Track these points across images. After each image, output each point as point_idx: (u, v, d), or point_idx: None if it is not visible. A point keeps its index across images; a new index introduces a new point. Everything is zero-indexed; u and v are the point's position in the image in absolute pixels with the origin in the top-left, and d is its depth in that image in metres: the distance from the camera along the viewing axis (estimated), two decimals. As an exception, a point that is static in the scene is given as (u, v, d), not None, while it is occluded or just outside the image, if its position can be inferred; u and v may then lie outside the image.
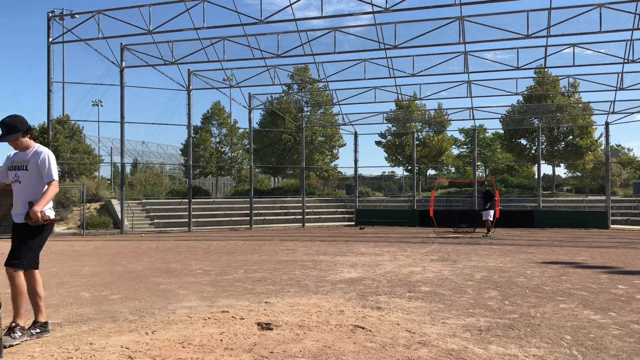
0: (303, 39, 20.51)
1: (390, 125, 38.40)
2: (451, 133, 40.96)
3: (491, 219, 18.56)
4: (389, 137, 39.63)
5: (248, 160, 30.56)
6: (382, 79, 23.77)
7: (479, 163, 37.39)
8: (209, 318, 5.57)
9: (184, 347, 4.50)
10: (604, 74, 22.99)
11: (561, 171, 46.43)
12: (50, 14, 21.84)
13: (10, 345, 4.46)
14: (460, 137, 43.69)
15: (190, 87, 24.21)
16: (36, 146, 4.86)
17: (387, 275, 8.87)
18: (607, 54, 20.75)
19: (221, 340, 4.62)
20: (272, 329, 5.02)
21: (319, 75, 24.33)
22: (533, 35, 18.63)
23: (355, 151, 29.42)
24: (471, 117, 28.40)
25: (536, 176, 30.37)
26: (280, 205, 29.54)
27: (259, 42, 21.19)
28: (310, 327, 5.12)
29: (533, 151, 35.05)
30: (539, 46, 20.87)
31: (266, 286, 7.79)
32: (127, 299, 6.88)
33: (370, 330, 4.99)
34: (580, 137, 35.08)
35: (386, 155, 40.14)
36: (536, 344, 4.57)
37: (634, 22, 17.78)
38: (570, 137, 35.81)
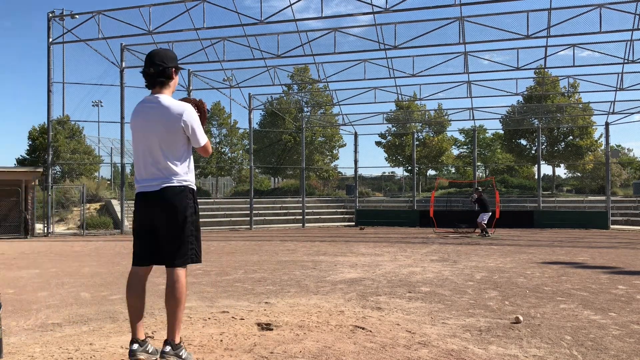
0: (303, 39, 20.53)
1: (390, 125, 38.42)
2: (451, 133, 41.02)
3: (486, 221, 18.60)
4: (389, 137, 39.63)
5: (248, 160, 30.56)
6: (382, 79, 23.78)
7: (479, 163, 37.40)
8: (209, 318, 5.56)
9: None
10: (603, 74, 23.01)
11: (561, 171, 46.47)
12: (51, 15, 21.83)
13: None
14: (460, 138, 43.75)
15: (191, 88, 24.22)
16: None
17: (387, 276, 8.87)
18: (607, 55, 20.76)
19: (221, 341, 4.62)
20: (272, 330, 5.02)
21: (319, 76, 24.33)
22: (533, 36, 18.64)
23: (355, 151, 29.45)
24: (471, 118, 28.40)
25: (536, 176, 30.36)
26: (280, 205, 29.53)
27: (259, 43, 21.20)
28: (310, 327, 5.12)
29: (533, 151, 35.04)
30: (539, 46, 20.87)
31: (266, 286, 7.79)
32: (127, 299, 6.87)
33: (370, 331, 4.98)
34: (580, 138, 35.07)
35: (386, 155, 40.17)
36: (536, 345, 4.57)
37: (634, 23, 17.80)
38: (570, 137, 35.81)
